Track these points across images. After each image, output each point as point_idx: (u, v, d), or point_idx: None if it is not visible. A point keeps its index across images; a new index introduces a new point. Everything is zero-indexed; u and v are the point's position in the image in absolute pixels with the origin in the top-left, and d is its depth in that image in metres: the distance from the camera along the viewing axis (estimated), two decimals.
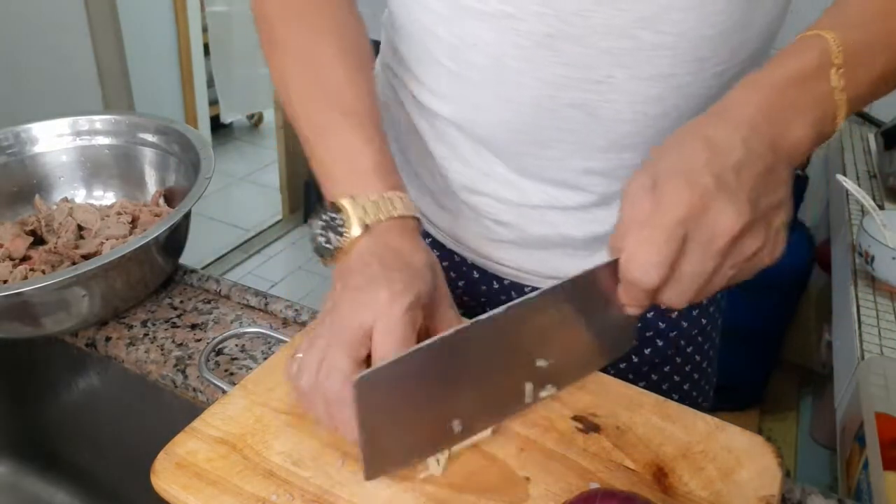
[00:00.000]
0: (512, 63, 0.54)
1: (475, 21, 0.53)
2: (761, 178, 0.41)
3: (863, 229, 1.14)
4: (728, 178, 0.40)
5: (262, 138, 3.55)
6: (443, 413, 0.45)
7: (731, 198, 0.40)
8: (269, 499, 0.44)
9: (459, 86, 0.58)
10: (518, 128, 0.57)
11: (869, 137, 1.66)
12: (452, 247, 0.70)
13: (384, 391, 0.42)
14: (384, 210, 0.49)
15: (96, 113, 0.78)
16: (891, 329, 1.04)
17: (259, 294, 0.70)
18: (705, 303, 0.71)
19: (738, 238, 0.40)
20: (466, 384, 0.46)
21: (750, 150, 0.41)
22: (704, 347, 0.73)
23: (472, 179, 0.62)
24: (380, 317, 0.44)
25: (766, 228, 0.41)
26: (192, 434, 0.48)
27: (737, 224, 0.40)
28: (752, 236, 0.41)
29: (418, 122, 0.64)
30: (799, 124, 0.43)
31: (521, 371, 0.48)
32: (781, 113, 0.43)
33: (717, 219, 0.39)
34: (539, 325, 0.46)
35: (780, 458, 0.47)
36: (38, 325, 0.62)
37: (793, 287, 1.74)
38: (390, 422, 0.44)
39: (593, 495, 0.40)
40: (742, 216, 0.40)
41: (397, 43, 0.63)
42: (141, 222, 0.72)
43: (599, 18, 0.50)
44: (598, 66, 0.52)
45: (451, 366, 0.44)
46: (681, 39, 0.51)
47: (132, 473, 0.69)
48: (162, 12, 2.78)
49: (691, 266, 0.41)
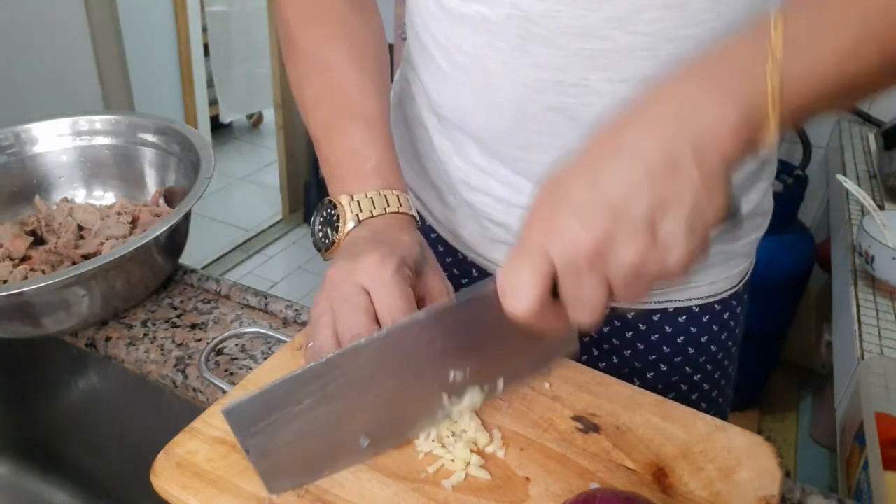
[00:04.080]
0: (492, 65, 0.54)
1: (459, 23, 0.55)
2: (641, 182, 0.36)
3: (863, 229, 1.14)
4: (580, 190, 0.37)
5: (261, 138, 3.56)
6: (346, 430, 0.45)
7: (577, 211, 0.37)
8: (270, 499, 0.44)
9: (452, 86, 0.59)
10: (504, 130, 0.57)
11: (869, 137, 1.66)
12: (454, 244, 0.70)
13: (273, 411, 0.42)
14: (378, 206, 0.51)
15: (96, 113, 0.78)
16: (891, 329, 1.04)
17: (259, 294, 0.70)
18: (716, 329, 0.69)
19: (601, 252, 0.37)
20: (370, 400, 0.45)
21: (628, 150, 0.37)
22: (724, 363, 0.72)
23: (470, 176, 0.63)
24: (372, 278, 0.45)
25: (647, 234, 0.36)
26: (192, 434, 0.48)
27: (586, 239, 0.36)
28: (624, 245, 0.36)
29: (427, 115, 0.65)
30: (716, 109, 0.36)
31: (434, 384, 0.47)
32: (693, 97, 0.37)
33: (566, 237, 0.37)
34: (452, 339, 0.45)
35: (780, 458, 0.47)
36: (38, 325, 0.62)
37: (793, 287, 1.74)
38: (288, 439, 0.43)
39: (593, 495, 0.40)
40: (590, 230, 0.36)
41: (410, 39, 0.65)
42: (141, 222, 0.72)
43: (566, 19, 0.50)
44: (571, 69, 0.51)
45: (349, 383, 0.43)
46: (657, 40, 0.49)
47: (132, 473, 0.69)
48: (162, 12, 2.78)
49: (567, 291, 0.38)
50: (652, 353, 0.69)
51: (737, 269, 0.67)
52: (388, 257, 0.46)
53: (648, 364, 0.69)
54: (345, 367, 0.43)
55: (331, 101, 0.56)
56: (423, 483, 0.45)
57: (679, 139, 0.36)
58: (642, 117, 0.38)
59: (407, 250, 0.48)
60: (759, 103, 0.36)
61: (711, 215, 0.37)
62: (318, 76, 0.57)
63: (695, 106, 0.37)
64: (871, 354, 0.99)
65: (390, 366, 0.44)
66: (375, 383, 0.44)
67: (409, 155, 0.70)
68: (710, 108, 0.36)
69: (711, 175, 0.36)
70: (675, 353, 0.68)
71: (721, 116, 0.36)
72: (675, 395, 0.70)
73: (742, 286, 0.70)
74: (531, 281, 0.38)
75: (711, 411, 0.63)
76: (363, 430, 0.45)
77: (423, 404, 0.47)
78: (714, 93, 0.37)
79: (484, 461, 0.46)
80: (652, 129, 0.37)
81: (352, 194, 0.52)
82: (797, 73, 0.36)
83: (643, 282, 0.38)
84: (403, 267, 0.47)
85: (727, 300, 0.68)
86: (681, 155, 0.36)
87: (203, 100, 3.05)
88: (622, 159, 0.37)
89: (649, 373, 0.69)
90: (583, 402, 0.51)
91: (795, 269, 1.70)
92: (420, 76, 0.64)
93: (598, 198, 0.36)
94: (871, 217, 1.18)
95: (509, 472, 0.46)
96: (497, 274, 0.40)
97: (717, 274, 0.66)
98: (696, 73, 0.38)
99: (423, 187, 0.70)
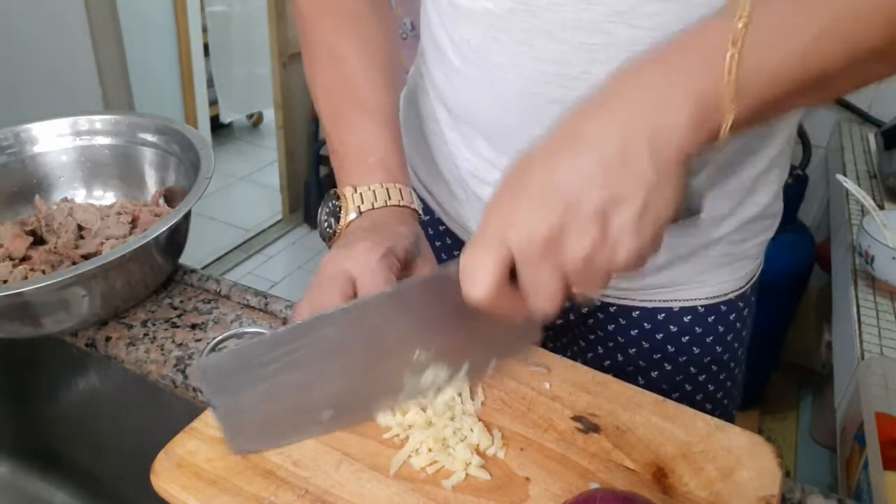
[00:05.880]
0: (497, 59, 0.56)
1: (468, 18, 0.56)
2: (595, 175, 0.36)
3: (863, 229, 1.14)
4: (539, 180, 0.37)
5: (261, 138, 3.55)
6: (310, 399, 0.46)
7: (534, 200, 0.37)
8: (269, 499, 0.44)
9: (461, 81, 0.60)
10: (510, 123, 0.58)
11: (869, 137, 1.66)
12: (463, 237, 0.71)
13: (241, 371, 0.44)
14: (380, 198, 0.52)
15: (96, 113, 0.78)
16: (891, 329, 1.04)
17: (259, 294, 0.70)
18: (721, 330, 0.69)
19: (553, 242, 0.37)
20: (334, 372, 0.46)
21: (587, 141, 0.37)
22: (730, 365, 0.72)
23: (479, 169, 0.64)
24: (358, 263, 0.47)
25: (597, 227, 0.36)
26: (192, 434, 0.48)
27: (540, 229, 0.37)
28: (575, 237, 0.37)
29: (438, 109, 0.66)
30: (673, 101, 0.36)
31: (398, 361, 0.47)
32: (653, 88, 0.37)
33: (523, 226, 0.37)
34: (418, 317, 0.46)
35: (780, 458, 0.47)
36: (38, 325, 0.62)
37: (793, 287, 1.74)
38: (253, 401, 0.45)
39: (593, 495, 0.40)
40: (544, 220, 0.37)
41: (424, 36, 0.66)
42: (141, 222, 0.72)
43: (569, 13, 0.50)
44: (573, 62, 0.52)
45: (314, 353, 0.44)
46: (658, 33, 0.49)
47: (132, 473, 0.69)
48: (162, 12, 2.78)
49: (524, 279, 0.39)
50: (656, 353, 0.69)
51: (744, 270, 0.67)
52: (377, 245, 0.48)
53: (652, 363, 0.69)
54: (311, 335, 0.44)
55: (340, 93, 0.58)
56: (423, 483, 0.45)
57: (635, 131, 0.36)
58: (603, 107, 0.38)
59: (398, 241, 0.49)
60: (718, 94, 0.35)
61: (664, 211, 0.37)
62: (328, 68, 0.59)
63: (654, 97, 0.36)
64: (871, 354, 0.99)
65: (355, 339, 0.45)
66: (340, 355, 0.45)
67: (421, 149, 0.71)
68: (669, 99, 0.36)
69: (666, 169, 0.36)
70: (680, 352, 0.68)
71: (679, 108, 0.36)
72: (680, 395, 0.70)
73: (749, 288, 0.69)
74: (489, 268, 0.38)
75: (716, 413, 0.63)
76: (327, 402, 0.46)
77: (386, 380, 0.48)
78: (674, 83, 0.36)
79: (484, 461, 0.46)
80: (610, 121, 0.37)
81: (355, 186, 0.53)
82: (758, 68, 0.35)
83: (596, 274, 0.38)
84: (391, 256, 0.48)
85: (733, 301, 0.68)
86: (636, 148, 0.36)
87: (203, 100, 3.05)
88: (580, 151, 0.37)
89: (653, 372, 0.69)
90: (583, 402, 0.51)
91: (795, 269, 1.70)
92: (432, 71, 0.65)
93: (554, 189, 0.37)
94: (871, 217, 1.18)
95: (509, 472, 0.46)
96: (459, 258, 0.40)
97: (723, 275, 0.66)
98: (661, 61, 0.37)
99: (433, 180, 0.71)
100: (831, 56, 0.36)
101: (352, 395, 0.47)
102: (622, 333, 0.69)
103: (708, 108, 0.36)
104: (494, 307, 0.40)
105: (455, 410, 0.49)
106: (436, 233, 0.75)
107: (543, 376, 0.53)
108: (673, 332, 0.68)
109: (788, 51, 0.35)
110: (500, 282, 0.39)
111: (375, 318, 0.45)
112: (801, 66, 0.36)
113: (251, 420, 0.45)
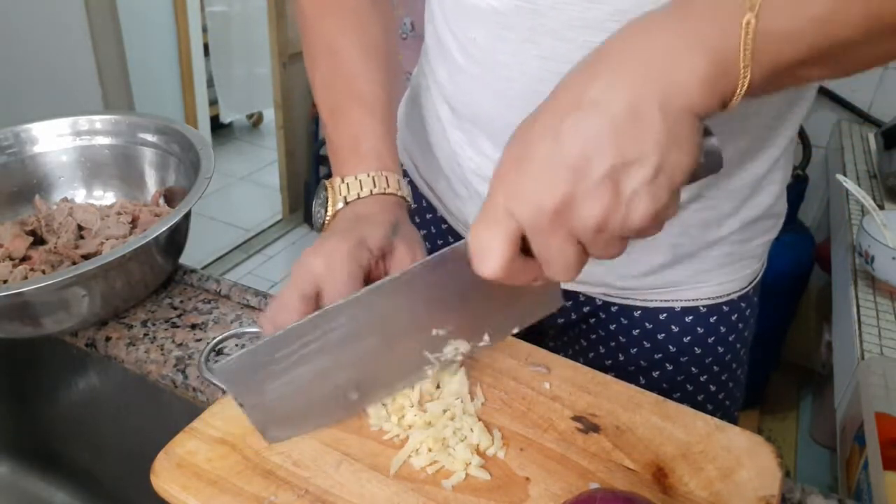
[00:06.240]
0: (502, 58, 0.56)
1: (473, 16, 0.57)
2: (603, 139, 0.35)
3: (863, 229, 1.14)
4: (542, 149, 0.36)
5: (261, 138, 3.55)
6: (334, 384, 0.48)
7: (539, 171, 0.36)
8: (269, 499, 0.44)
9: (466, 79, 0.61)
10: (514, 121, 0.57)
11: (869, 137, 1.66)
12: (465, 235, 0.70)
13: (259, 368, 0.45)
14: (366, 188, 0.53)
15: (96, 113, 0.78)
16: (891, 329, 1.04)
17: (259, 294, 0.70)
18: (724, 330, 0.69)
19: (563, 212, 0.36)
20: (354, 357, 0.47)
21: (592, 103, 0.35)
22: (732, 365, 0.71)
23: (482, 167, 0.64)
24: (324, 258, 0.47)
25: (609, 193, 0.35)
26: (192, 434, 0.48)
27: (547, 200, 0.36)
28: (586, 205, 0.36)
29: (441, 107, 0.67)
30: (687, 58, 0.34)
31: (417, 342, 0.48)
32: (665, 44, 0.35)
33: (529, 199, 0.36)
34: (433, 296, 0.46)
35: (780, 458, 0.47)
36: (38, 325, 0.62)
37: (793, 287, 1.74)
38: (278, 394, 0.46)
39: (593, 495, 0.40)
40: (551, 190, 0.35)
41: (428, 35, 0.67)
42: (141, 222, 0.72)
43: (574, 12, 0.51)
44: (577, 61, 0.52)
45: (329, 342, 0.46)
46: None
47: (132, 473, 0.69)
48: (162, 12, 2.78)
49: (538, 250, 0.38)
50: (658, 352, 0.69)
51: (747, 270, 0.67)
52: (345, 239, 0.48)
53: (654, 363, 0.69)
54: (323, 327, 0.45)
55: (337, 86, 0.59)
56: (423, 483, 0.45)
57: (646, 89, 0.34)
58: (610, 65, 0.36)
59: (373, 230, 0.50)
60: (732, 57, 0.34)
61: (679, 174, 0.36)
62: (327, 62, 0.60)
63: (666, 54, 0.35)
64: (871, 354, 0.99)
65: (368, 327, 0.46)
66: (357, 341, 0.46)
67: (424, 147, 0.71)
68: (682, 57, 0.34)
69: (679, 129, 0.35)
70: (682, 352, 0.68)
71: (692, 67, 0.34)
72: (681, 395, 0.70)
73: (752, 288, 0.69)
74: (499, 244, 0.38)
75: (718, 413, 0.63)
76: (351, 385, 0.48)
77: (407, 359, 0.49)
78: (688, 41, 0.34)
79: (484, 461, 0.46)
80: (619, 79, 0.35)
81: (343, 177, 0.54)
82: (775, 30, 0.34)
83: (612, 240, 0.37)
84: (361, 247, 0.48)
85: (735, 302, 0.68)
86: (647, 106, 0.34)
87: (203, 100, 3.05)
88: (585, 114, 0.35)
89: (654, 372, 0.69)
90: (583, 402, 0.51)
91: (795, 269, 1.70)
92: (436, 70, 0.65)
93: (559, 157, 0.36)
94: (871, 217, 1.18)
95: (509, 472, 0.46)
96: (467, 235, 0.40)
97: (726, 275, 0.66)
98: (673, 17, 0.36)
99: (435, 178, 0.72)
100: (850, 25, 0.34)
101: (374, 377, 0.49)
102: (623, 333, 0.69)
103: (724, 69, 0.34)
104: (510, 280, 0.39)
105: (455, 410, 0.49)
106: (438, 231, 0.75)
107: (543, 376, 0.53)
108: (674, 333, 0.68)
109: (807, 17, 0.34)
110: (511, 257, 0.38)
111: (384, 305, 0.46)
112: (820, 32, 0.34)
113: (280, 411, 0.47)
